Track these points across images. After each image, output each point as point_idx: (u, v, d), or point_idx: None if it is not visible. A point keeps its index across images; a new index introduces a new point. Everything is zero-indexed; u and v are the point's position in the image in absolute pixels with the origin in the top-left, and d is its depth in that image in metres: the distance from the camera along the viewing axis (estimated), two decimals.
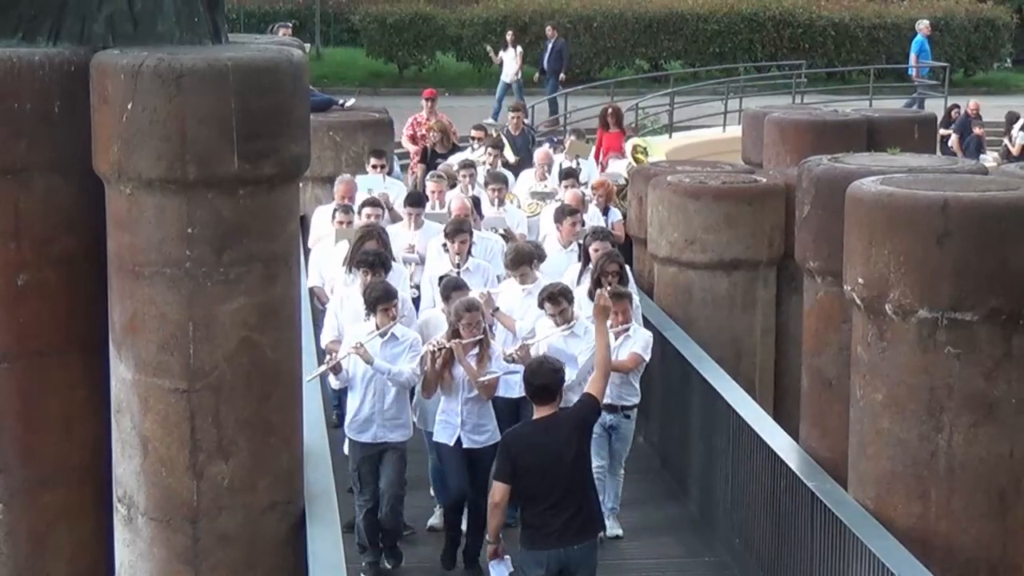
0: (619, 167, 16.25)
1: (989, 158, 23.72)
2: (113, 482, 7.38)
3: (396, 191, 13.80)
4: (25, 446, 7.44)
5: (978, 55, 40.27)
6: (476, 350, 9.42)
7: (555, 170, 15.05)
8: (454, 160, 16.19)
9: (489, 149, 15.80)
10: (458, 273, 10.81)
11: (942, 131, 24.04)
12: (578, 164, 15.49)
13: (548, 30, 31.36)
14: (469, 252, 11.24)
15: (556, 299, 9.81)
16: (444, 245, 11.32)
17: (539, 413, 7.87)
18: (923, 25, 31.23)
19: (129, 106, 6.84)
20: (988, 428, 7.95)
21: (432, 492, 10.27)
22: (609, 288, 10.13)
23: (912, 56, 31.13)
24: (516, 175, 15.30)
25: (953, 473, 7.98)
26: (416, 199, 12.76)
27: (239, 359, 7.12)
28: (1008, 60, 43.02)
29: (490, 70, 38.50)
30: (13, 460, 7.45)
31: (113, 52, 7.07)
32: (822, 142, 11.24)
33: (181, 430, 7.12)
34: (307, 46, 20.96)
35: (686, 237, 11.75)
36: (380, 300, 9.41)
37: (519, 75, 29.71)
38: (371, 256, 10.33)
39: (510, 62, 29.59)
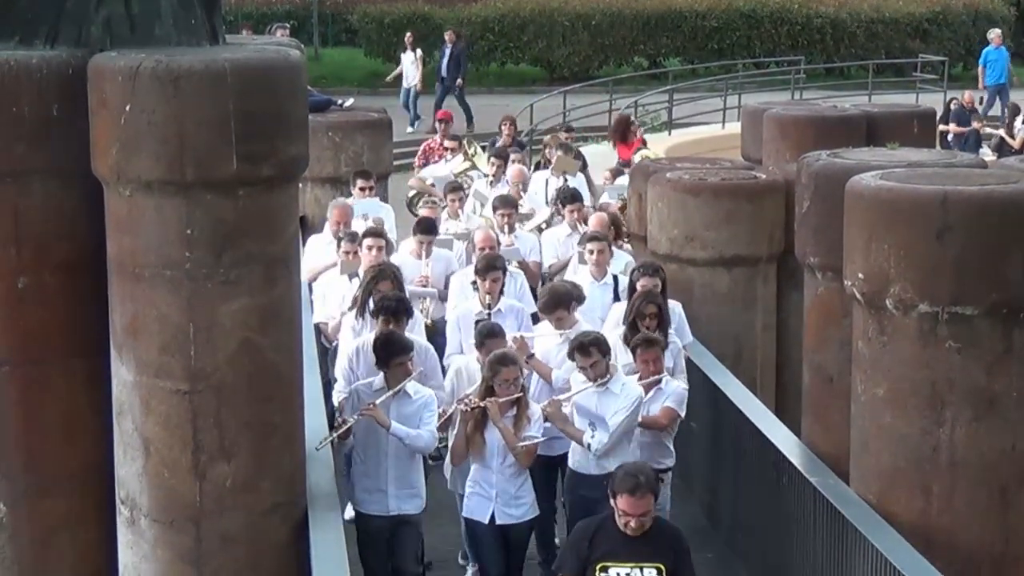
0: (624, 181, 15.25)
1: (988, 151, 23.71)
2: (116, 484, 7.38)
3: (384, 214, 13.02)
4: (27, 450, 7.44)
5: (976, 49, 40.22)
6: (512, 410, 8.36)
7: (531, 188, 14.39)
8: (428, 173, 15.74)
9: (492, 159, 15.04)
10: (489, 316, 9.82)
11: (941, 127, 24.03)
12: (565, 182, 14.42)
13: (447, 35, 29.95)
14: (501, 291, 10.13)
15: (587, 350, 8.53)
16: (473, 283, 10.25)
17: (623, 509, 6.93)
18: (994, 35, 30.84)
19: (127, 108, 6.84)
20: (990, 422, 7.94)
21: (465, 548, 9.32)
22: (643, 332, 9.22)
23: (980, 67, 30.77)
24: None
25: (955, 468, 7.97)
26: (428, 226, 11.73)
27: (240, 360, 7.13)
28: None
29: (488, 70, 38.59)
30: (15, 464, 7.45)
31: (111, 55, 7.08)
32: (821, 137, 11.22)
33: (183, 432, 7.13)
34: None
35: (686, 234, 11.74)
36: (394, 354, 8.36)
37: (417, 81, 28.26)
38: (393, 302, 9.09)
39: (410, 67, 28.52)
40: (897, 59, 36.05)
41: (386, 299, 9.15)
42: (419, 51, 28.18)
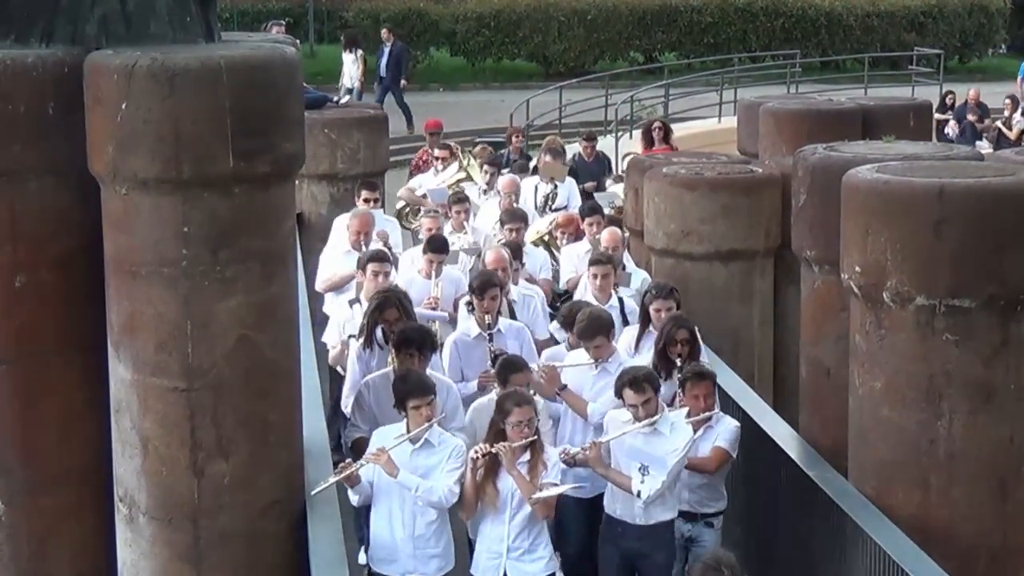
0: (618, 188, 15.00)
1: (985, 144, 23.73)
2: (114, 482, 7.38)
3: (390, 228, 12.34)
4: (25, 447, 7.44)
5: (972, 41, 40.33)
6: (526, 455, 7.63)
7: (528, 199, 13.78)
8: (418, 182, 15.02)
9: (486, 167, 14.38)
10: (489, 337, 9.23)
11: (938, 116, 24.06)
12: (555, 188, 14.14)
13: (384, 33, 29.15)
14: (500, 312, 9.51)
15: (641, 386, 7.82)
16: (469, 304, 9.59)
17: None
18: None
19: (123, 106, 6.83)
20: (987, 415, 7.95)
21: None
22: (680, 362, 8.68)
23: (1019, 79, 30.68)
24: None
25: (953, 460, 7.98)
26: (440, 244, 10.84)
27: (237, 358, 7.12)
28: (1003, 46, 43.07)
29: (484, 65, 38.59)
30: (13, 462, 7.45)
31: (106, 52, 7.07)
32: (817, 131, 11.21)
33: (181, 429, 7.12)
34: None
35: (683, 228, 11.73)
36: (411, 395, 7.67)
37: (358, 80, 27.46)
38: (416, 334, 8.41)
39: (350, 66, 27.82)
40: (893, 52, 36.08)
41: (409, 331, 8.50)
42: (359, 51, 27.66)
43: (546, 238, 12.61)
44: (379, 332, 8.99)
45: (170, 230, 6.96)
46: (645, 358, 9.05)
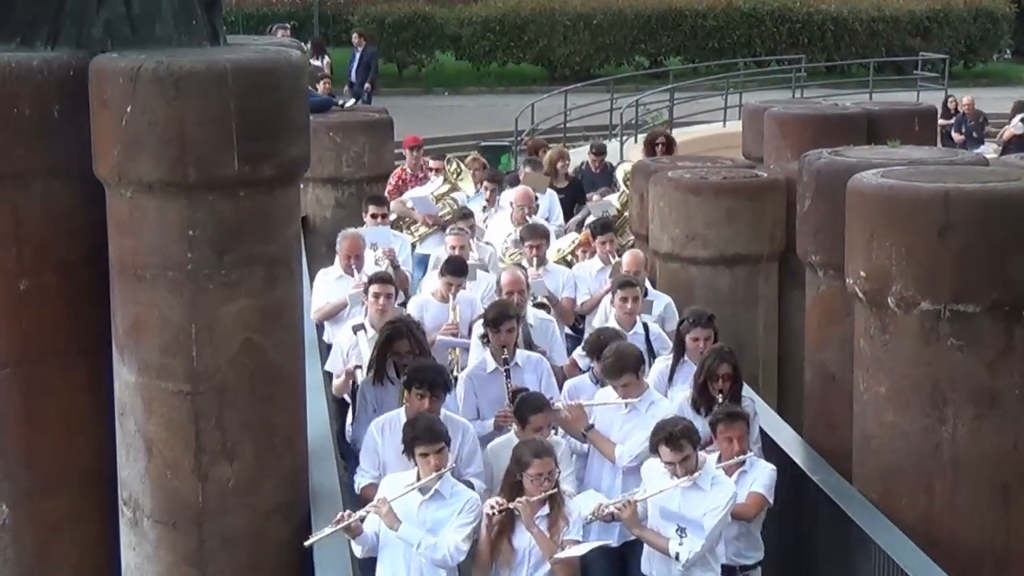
0: (611, 198, 14.34)
1: (989, 149, 23.70)
2: (118, 485, 7.38)
3: (399, 245, 11.81)
4: (29, 451, 7.44)
5: (977, 46, 40.32)
6: (546, 509, 7.02)
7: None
8: (408, 195, 14.09)
9: (487, 184, 13.61)
10: (507, 372, 8.58)
11: (942, 121, 24.03)
12: (536, 200, 13.24)
13: (355, 38, 28.24)
14: (517, 342, 8.85)
15: (678, 443, 7.24)
16: (484, 336, 8.90)
17: None
18: None
19: (128, 109, 6.84)
20: (992, 420, 7.95)
21: None
22: (722, 398, 8.18)
23: None
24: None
25: (957, 465, 7.97)
26: (458, 267, 10.12)
27: (242, 361, 7.12)
28: (1008, 51, 43.06)
29: (489, 69, 38.59)
30: (18, 465, 7.45)
31: (111, 56, 7.08)
32: (822, 136, 11.22)
33: (185, 432, 7.12)
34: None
35: (687, 233, 11.73)
36: (419, 441, 7.07)
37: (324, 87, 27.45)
38: (430, 373, 7.77)
39: None
40: (898, 57, 36.08)
41: (420, 368, 7.87)
42: (326, 58, 27.29)
43: (568, 257, 12.18)
44: (390, 366, 8.46)
45: (175, 233, 6.96)
46: (680, 391, 8.63)
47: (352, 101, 16.57)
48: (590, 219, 13.46)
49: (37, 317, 7.31)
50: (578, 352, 9.68)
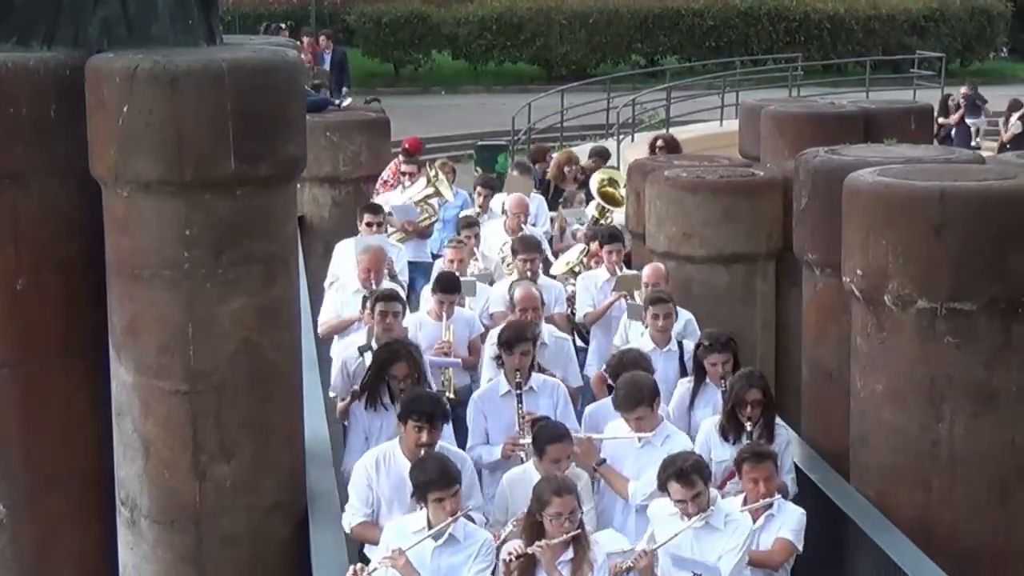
0: (588, 208, 13.59)
1: (984, 122, 23.71)
2: (116, 485, 7.38)
3: (395, 254, 11.36)
4: (27, 451, 7.44)
5: (974, 45, 40.37)
6: (569, 552, 6.47)
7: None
8: (385, 200, 13.30)
9: (479, 189, 13.09)
10: (519, 396, 8.12)
11: (940, 120, 24.05)
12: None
13: (322, 40, 27.07)
14: (532, 366, 8.35)
15: (689, 479, 6.73)
16: (498, 358, 8.42)
17: None
18: None
19: (125, 109, 6.84)
20: (989, 417, 7.96)
21: None
22: (751, 426, 7.77)
23: None
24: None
25: (954, 463, 7.98)
26: (450, 283, 9.62)
27: (240, 360, 7.12)
28: (1004, 50, 43.12)
29: (486, 69, 38.62)
30: (15, 465, 7.45)
31: (108, 55, 7.08)
32: (819, 134, 11.23)
33: (183, 432, 7.12)
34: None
35: (684, 231, 11.72)
36: (433, 486, 6.57)
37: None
38: (428, 405, 7.25)
39: None
40: (894, 55, 36.11)
41: (418, 398, 7.36)
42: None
43: (576, 269, 11.70)
44: (385, 390, 8.04)
45: (172, 232, 6.96)
46: (702, 415, 8.32)
47: (349, 101, 16.56)
48: (573, 228, 13.24)
49: (34, 317, 7.31)
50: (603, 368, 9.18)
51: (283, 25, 26.01)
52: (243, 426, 7.18)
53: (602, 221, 12.87)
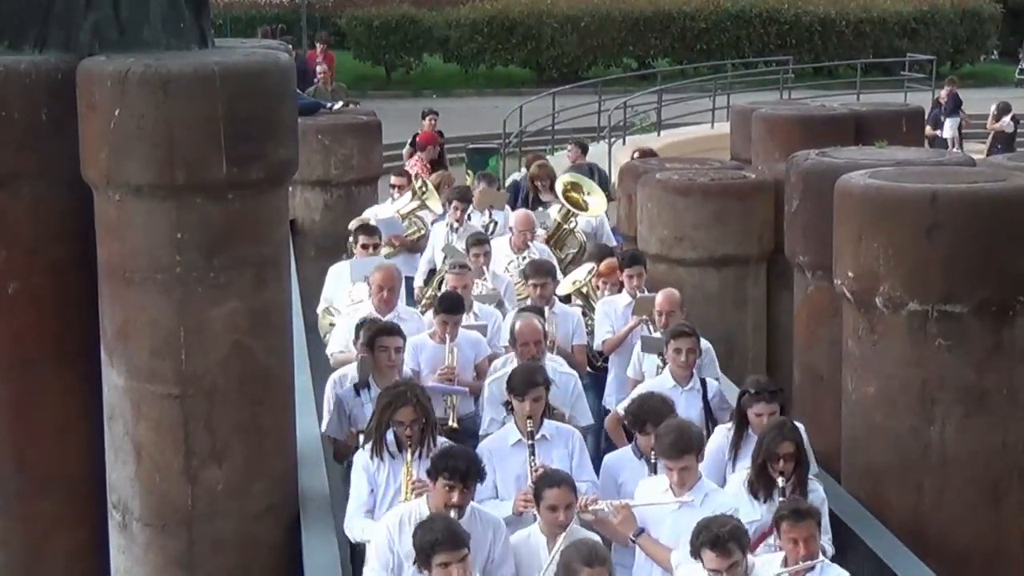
0: (551, 210, 12.88)
1: (956, 122, 23.75)
2: (107, 488, 7.38)
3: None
4: (18, 454, 7.44)
5: (964, 47, 40.40)
6: None
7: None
8: (371, 212, 12.79)
9: (455, 203, 11.95)
10: (531, 446, 7.31)
11: (930, 132, 24.04)
12: (491, 217, 12.27)
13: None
14: (545, 413, 7.55)
15: (725, 547, 5.93)
16: (507, 404, 7.62)
17: None
18: None
19: (116, 113, 6.84)
20: (980, 419, 7.96)
21: None
22: (783, 481, 7.02)
23: None
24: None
25: (946, 465, 7.99)
26: (453, 304, 8.89)
27: (231, 364, 7.12)
28: (995, 52, 43.16)
29: (477, 71, 38.61)
30: (7, 468, 7.45)
31: (99, 59, 7.07)
32: (810, 137, 11.23)
33: (174, 435, 7.12)
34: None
35: (676, 234, 11.74)
36: (442, 547, 5.84)
37: None
38: (462, 463, 6.43)
39: None
40: (885, 58, 36.13)
41: (452, 456, 6.52)
42: None
43: (584, 290, 10.79)
44: (391, 436, 7.25)
45: (164, 236, 6.96)
46: (740, 473, 7.44)
47: (340, 104, 16.54)
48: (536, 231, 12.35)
49: (25, 320, 7.31)
50: (623, 405, 8.36)
51: (280, 27, 25.91)
52: (235, 430, 7.18)
53: (565, 226, 12.50)
